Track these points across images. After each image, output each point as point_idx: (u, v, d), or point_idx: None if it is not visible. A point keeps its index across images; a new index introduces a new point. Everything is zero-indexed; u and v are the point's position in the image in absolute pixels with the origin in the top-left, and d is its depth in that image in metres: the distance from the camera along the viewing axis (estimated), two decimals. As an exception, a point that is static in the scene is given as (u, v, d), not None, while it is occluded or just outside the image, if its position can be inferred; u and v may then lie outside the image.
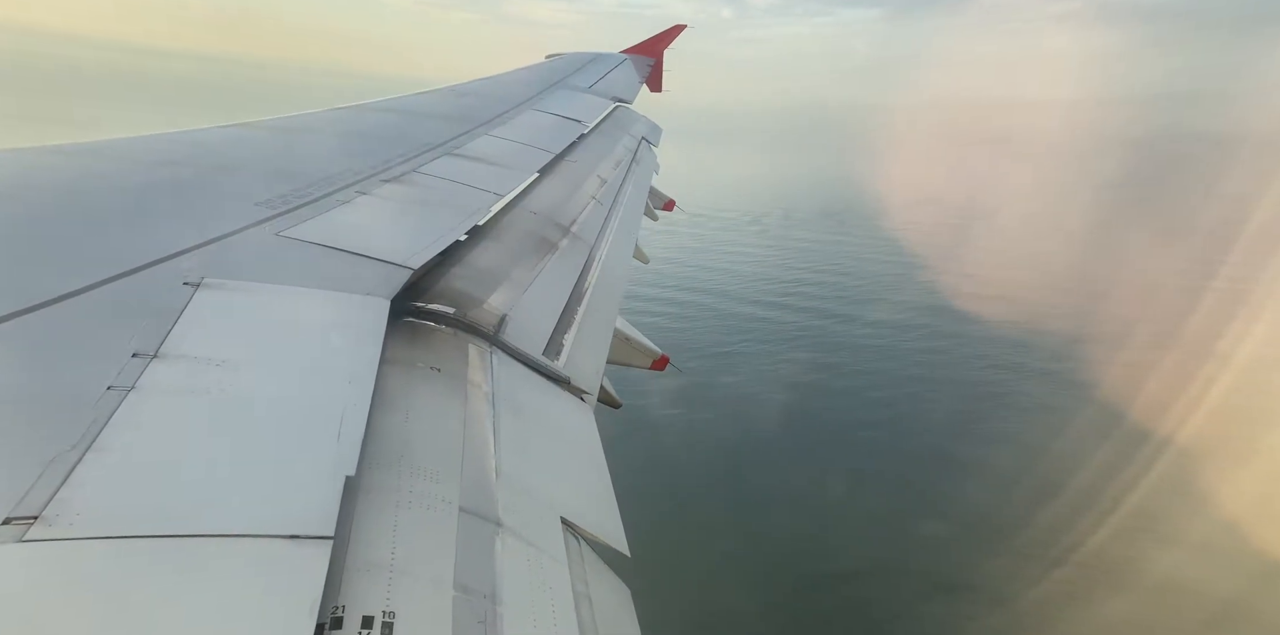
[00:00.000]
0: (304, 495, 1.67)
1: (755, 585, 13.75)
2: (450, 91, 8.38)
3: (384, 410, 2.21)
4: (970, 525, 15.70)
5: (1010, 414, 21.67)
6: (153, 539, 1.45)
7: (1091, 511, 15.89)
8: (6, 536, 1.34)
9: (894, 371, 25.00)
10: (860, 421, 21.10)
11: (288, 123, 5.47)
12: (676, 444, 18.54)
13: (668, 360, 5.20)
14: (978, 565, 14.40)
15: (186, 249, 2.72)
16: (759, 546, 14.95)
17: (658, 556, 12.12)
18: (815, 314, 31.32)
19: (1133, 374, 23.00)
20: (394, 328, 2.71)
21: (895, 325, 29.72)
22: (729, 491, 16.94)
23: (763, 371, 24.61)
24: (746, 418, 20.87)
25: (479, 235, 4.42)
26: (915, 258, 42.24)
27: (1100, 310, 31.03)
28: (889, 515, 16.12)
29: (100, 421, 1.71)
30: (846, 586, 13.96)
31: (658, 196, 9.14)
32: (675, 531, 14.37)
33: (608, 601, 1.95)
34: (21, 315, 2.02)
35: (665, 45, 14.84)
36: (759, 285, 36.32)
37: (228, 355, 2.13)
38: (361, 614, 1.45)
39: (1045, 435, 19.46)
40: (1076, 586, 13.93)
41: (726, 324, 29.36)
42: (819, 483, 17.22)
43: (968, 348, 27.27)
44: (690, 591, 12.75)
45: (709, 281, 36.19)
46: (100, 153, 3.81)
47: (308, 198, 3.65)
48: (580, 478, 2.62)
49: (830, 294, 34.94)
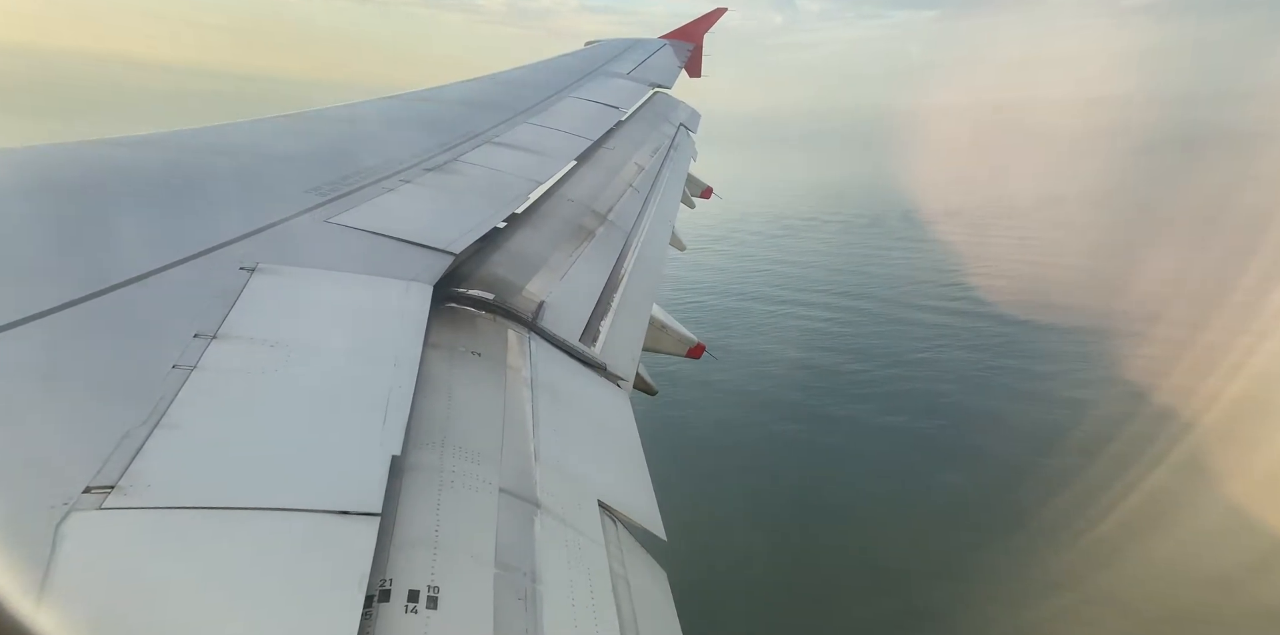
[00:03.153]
0: (353, 473, 1.74)
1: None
2: (491, 80, 8.45)
3: (427, 392, 2.28)
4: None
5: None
6: (215, 510, 1.53)
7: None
8: (87, 503, 1.44)
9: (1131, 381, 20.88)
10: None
11: (338, 113, 5.62)
12: (994, 482, 16.41)
13: (704, 348, 5.19)
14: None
15: (243, 235, 2.83)
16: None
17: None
18: (997, 321, 27.68)
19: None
20: (436, 312, 2.78)
21: (1093, 331, 25.44)
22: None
23: (983, 380, 22.29)
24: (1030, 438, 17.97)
25: (518, 222, 4.47)
26: (1067, 260, 37.60)
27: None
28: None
29: (167, 398, 1.81)
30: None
31: (695, 183, 9.06)
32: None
33: (645, 584, 1.98)
34: (95, 298, 2.15)
35: (705, 29, 14.60)
36: (916, 289, 33.04)
37: (281, 337, 2.22)
38: (408, 588, 1.51)
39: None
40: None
41: (904, 330, 27.14)
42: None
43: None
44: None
45: (857, 285, 33.74)
46: (163, 144, 3.98)
47: (355, 185, 3.75)
48: (617, 462, 2.65)
49: (1000, 298, 30.28)
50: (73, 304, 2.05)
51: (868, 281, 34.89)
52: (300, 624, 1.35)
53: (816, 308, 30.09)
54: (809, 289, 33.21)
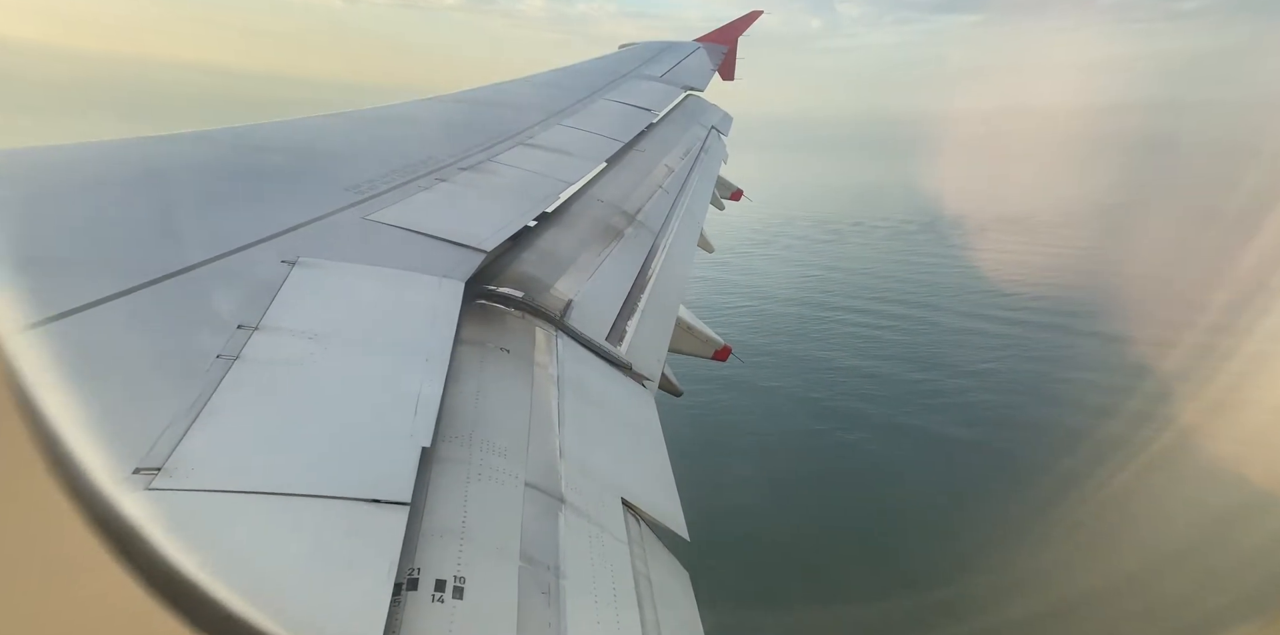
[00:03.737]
0: (384, 463, 1.78)
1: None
2: (526, 82, 8.56)
3: (457, 387, 2.32)
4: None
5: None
6: (253, 495, 1.59)
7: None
8: (136, 484, 1.51)
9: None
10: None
11: (378, 113, 5.76)
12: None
13: (730, 351, 5.17)
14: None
15: (285, 229, 2.93)
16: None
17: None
18: (1063, 331, 26.41)
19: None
20: (467, 309, 2.83)
21: (1166, 343, 23.82)
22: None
23: (1054, 393, 21.13)
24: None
25: (548, 222, 4.52)
26: (1134, 269, 35.11)
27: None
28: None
29: (211, 386, 1.88)
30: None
31: (725, 185, 9.04)
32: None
33: (667, 583, 1.99)
34: (144, 288, 2.24)
35: (740, 32, 14.55)
36: (976, 298, 31.73)
37: (319, 329, 2.29)
38: (435, 577, 1.54)
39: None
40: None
41: (966, 339, 25.89)
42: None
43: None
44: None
45: (913, 293, 32.35)
46: (213, 141, 4.13)
47: (393, 184, 3.84)
48: (640, 461, 2.66)
49: (1066, 308, 29.00)
50: (128, 292, 2.15)
51: (923, 289, 33.66)
52: (332, 609, 1.38)
53: (871, 315, 29.10)
54: (862, 296, 32.11)
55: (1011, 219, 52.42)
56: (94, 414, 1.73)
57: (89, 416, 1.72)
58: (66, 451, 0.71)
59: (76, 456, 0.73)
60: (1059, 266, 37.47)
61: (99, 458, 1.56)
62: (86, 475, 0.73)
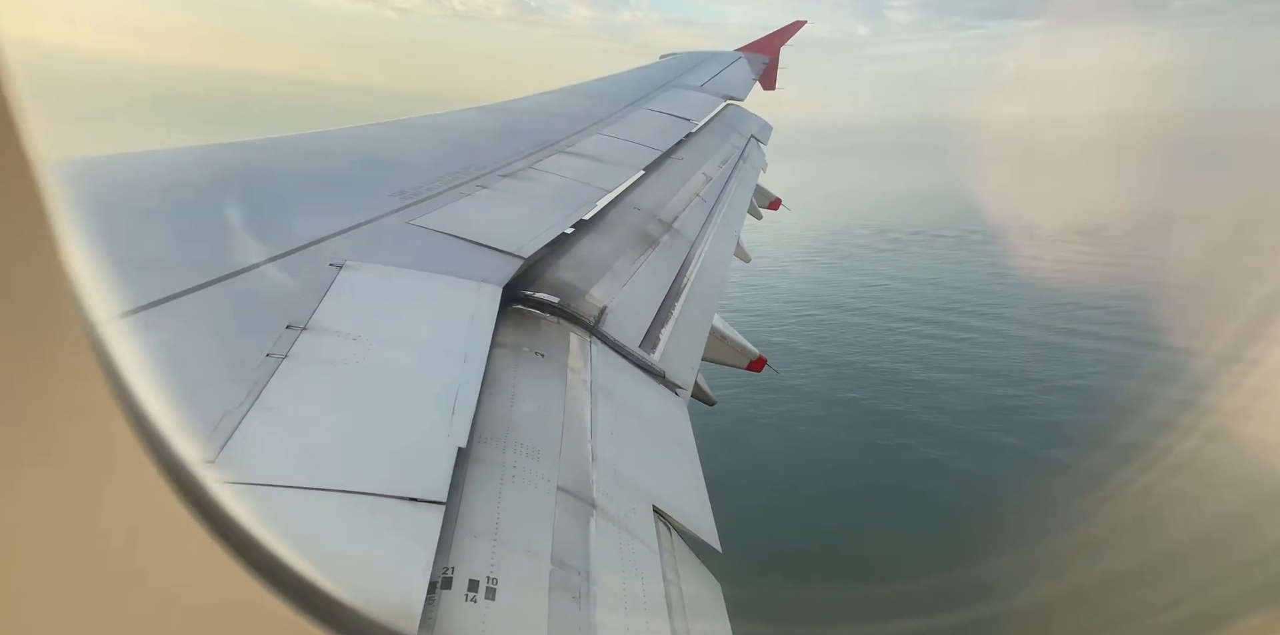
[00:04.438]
0: (421, 462, 1.83)
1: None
2: (568, 92, 8.70)
3: (492, 390, 2.36)
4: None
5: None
6: (297, 489, 1.64)
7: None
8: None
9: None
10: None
11: (425, 122, 5.94)
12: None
13: (765, 361, 5.12)
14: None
15: (334, 233, 3.04)
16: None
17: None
18: (1153, 347, 24.71)
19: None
20: (504, 313, 2.88)
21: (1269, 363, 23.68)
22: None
23: (1150, 413, 19.58)
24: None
25: (585, 229, 4.57)
26: (1228, 285, 32.33)
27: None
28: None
29: (261, 383, 1.96)
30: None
31: (764, 194, 8.99)
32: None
33: (698, 593, 1.97)
34: (200, 289, 2.35)
35: (782, 42, 14.50)
36: (1056, 310, 30.03)
37: (363, 330, 2.36)
38: (468, 577, 1.56)
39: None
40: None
41: (1051, 353, 24.50)
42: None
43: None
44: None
45: (987, 305, 30.81)
46: (269, 148, 4.32)
47: (436, 190, 3.95)
48: (672, 469, 2.66)
49: (1157, 324, 27.10)
50: (187, 292, 2.26)
51: (999, 300, 31.80)
52: (368, 605, 1.42)
53: (946, 326, 27.73)
54: (933, 307, 30.55)
55: (1083, 229, 49.60)
56: (162, 405, 1.82)
57: (160, 406, 1.82)
58: (155, 433, 0.78)
59: (163, 437, 0.80)
60: (1142, 278, 35.17)
61: (178, 441, 1.64)
62: (172, 453, 0.79)
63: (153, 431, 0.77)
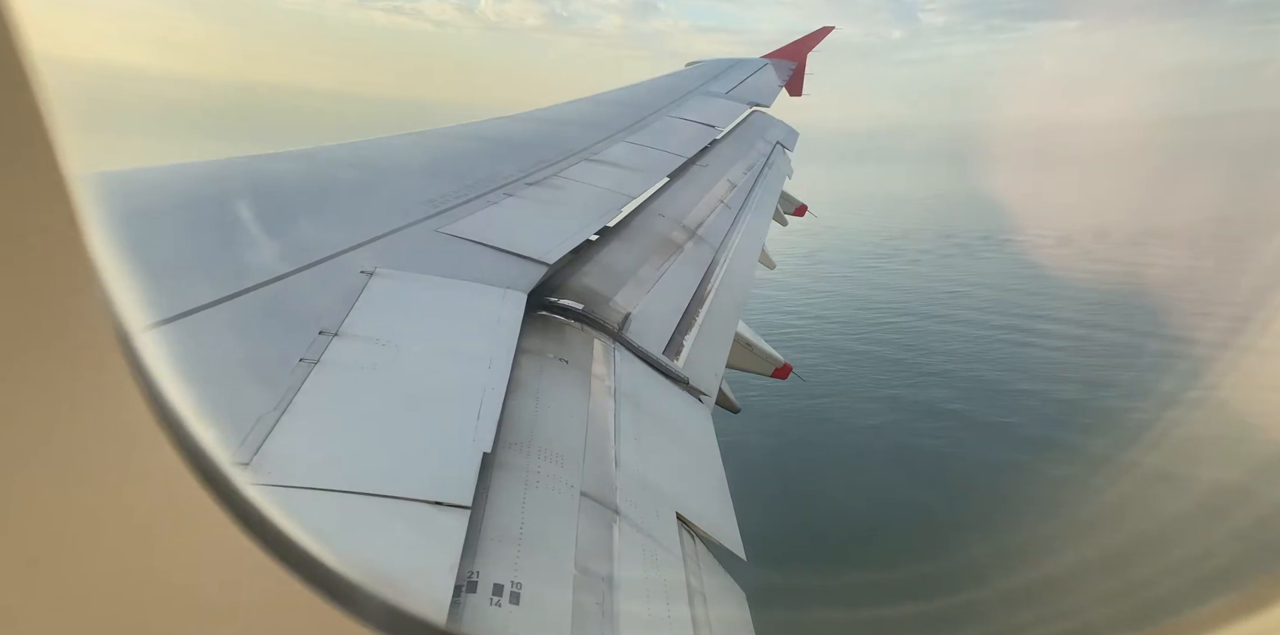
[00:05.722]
0: (447, 466, 1.85)
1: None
2: (593, 101, 8.78)
3: (517, 395, 2.38)
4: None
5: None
6: (328, 492, 1.68)
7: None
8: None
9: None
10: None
11: (454, 131, 6.06)
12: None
13: (790, 369, 5.07)
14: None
15: (364, 241, 3.11)
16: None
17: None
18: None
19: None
20: (529, 319, 2.91)
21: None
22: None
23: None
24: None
25: (609, 235, 4.60)
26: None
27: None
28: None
29: (294, 388, 2.01)
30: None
31: (789, 201, 8.94)
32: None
33: (722, 603, 1.95)
34: (242, 295, 2.43)
35: (810, 48, 14.44)
36: (1157, 317, 28.37)
37: (392, 336, 2.41)
38: (493, 582, 1.57)
39: None
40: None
41: (1164, 363, 23.06)
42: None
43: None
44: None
45: (1082, 311, 29.15)
46: (302, 159, 4.45)
47: (464, 198, 4.02)
48: (695, 476, 2.64)
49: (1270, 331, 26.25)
50: (227, 299, 2.33)
51: (1092, 308, 29.74)
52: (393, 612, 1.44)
53: (1038, 335, 26.14)
54: (1021, 313, 28.97)
55: (1160, 230, 46.55)
56: (200, 410, 1.88)
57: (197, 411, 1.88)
58: (191, 438, 0.81)
59: (199, 442, 0.84)
60: (1245, 284, 33.77)
61: (213, 445, 1.70)
62: (208, 457, 0.83)
63: (189, 436, 0.80)
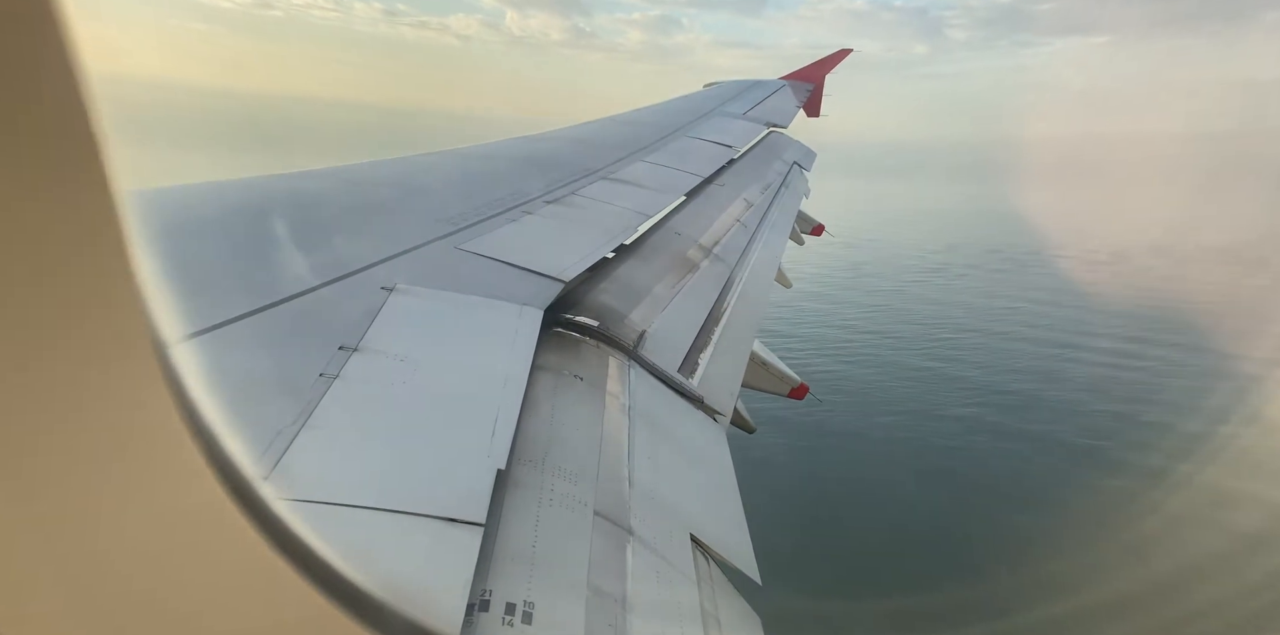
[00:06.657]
0: (461, 482, 1.85)
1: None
2: (612, 121, 8.92)
3: (531, 412, 2.39)
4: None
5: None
6: (344, 507, 1.69)
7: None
8: None
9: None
10: None
11: (474, 150, 6.18)
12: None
13: (807, 389, 5.02)
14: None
15: (385, 258, 3.16)
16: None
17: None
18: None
19: None
20: (544, 336, 2.93)
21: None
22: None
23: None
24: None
25: (625, 253, 4.63)
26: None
27: None
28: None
29: (313, 403, 2.03)
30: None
31: (806, 220, 8.94)
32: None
33: (737, 626, 1.91)
34: (262, 311, 2.48)
35: (828, 70, 14.56)
36: (1222, 334, 27.39)
37: (410, 352, 2.44)
38: (506, 600, 1.56)
39: None
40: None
41: (1236, 382, 22.41)
42: None
43: None
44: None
45: (1145, 328, 28.48)
46: (323, 178, 4.57)
47: (483, 216, 4.08)
48: (710, 497, 2.61)
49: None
50: (251, 314, 2.38)
51: (1153, 325, 28.87)
52: (407, 626, 1.43)
53: (1103, 353, 25.50)
54: (1081, 331, 28.13)
55: (1218, 247, 45.46)
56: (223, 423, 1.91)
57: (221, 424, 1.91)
58: (219, 450, 0.83)
59: (226, 454, 0.86)
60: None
61: (240, 458, 1.72)
62: (235, 470, 0.85)
63: (219, 447, 0.82)
